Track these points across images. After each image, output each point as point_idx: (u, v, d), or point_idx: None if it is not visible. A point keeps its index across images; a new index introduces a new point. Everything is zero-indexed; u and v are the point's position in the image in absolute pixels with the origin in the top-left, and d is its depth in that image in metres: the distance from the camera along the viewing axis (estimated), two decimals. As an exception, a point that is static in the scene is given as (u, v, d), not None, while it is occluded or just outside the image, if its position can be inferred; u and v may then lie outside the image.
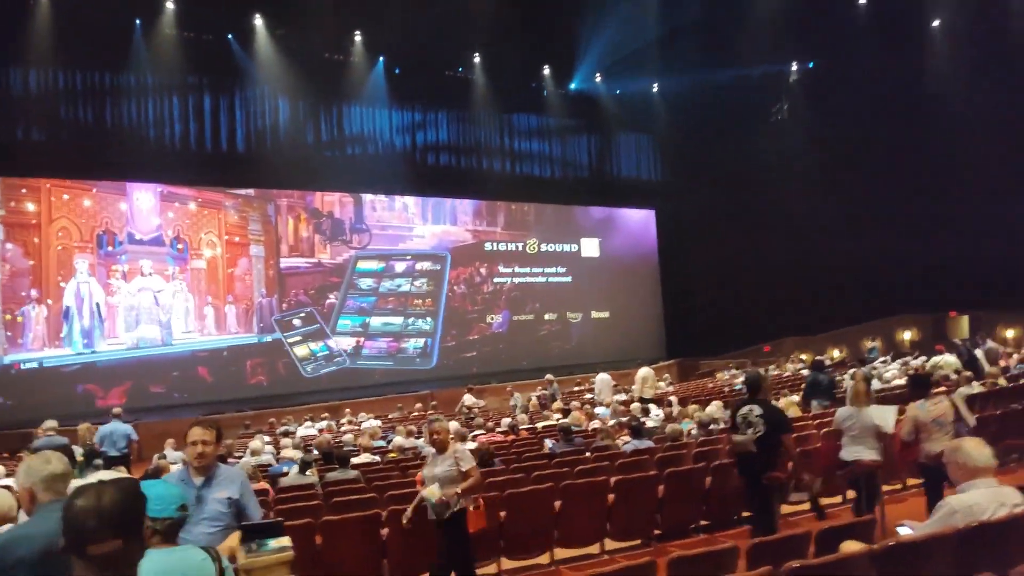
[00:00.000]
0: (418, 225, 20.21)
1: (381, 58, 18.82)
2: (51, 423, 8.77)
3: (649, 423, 8.76)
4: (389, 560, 4.92)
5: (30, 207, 15.00)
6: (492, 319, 20.94)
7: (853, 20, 19.26)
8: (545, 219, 22.29)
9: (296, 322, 17.85)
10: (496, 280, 21.19)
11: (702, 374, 21.01)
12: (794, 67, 21.99)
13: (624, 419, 8.68)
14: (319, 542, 4.80)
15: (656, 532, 5.55)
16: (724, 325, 21.74)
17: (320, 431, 12.80)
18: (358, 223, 19.18)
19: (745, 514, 5.75)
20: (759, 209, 21.36)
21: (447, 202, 20.65)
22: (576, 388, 17.32)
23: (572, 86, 21.95)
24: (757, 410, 4.88)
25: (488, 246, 21.17)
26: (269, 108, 17.87)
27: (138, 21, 15.66)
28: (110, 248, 15.63)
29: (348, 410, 14.31)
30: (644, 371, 13.23)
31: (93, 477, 2.45)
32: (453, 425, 11.14)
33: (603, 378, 13.98)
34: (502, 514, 5.05)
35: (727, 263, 21.85)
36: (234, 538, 3.17)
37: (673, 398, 11.32)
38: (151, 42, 15.79)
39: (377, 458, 8.70)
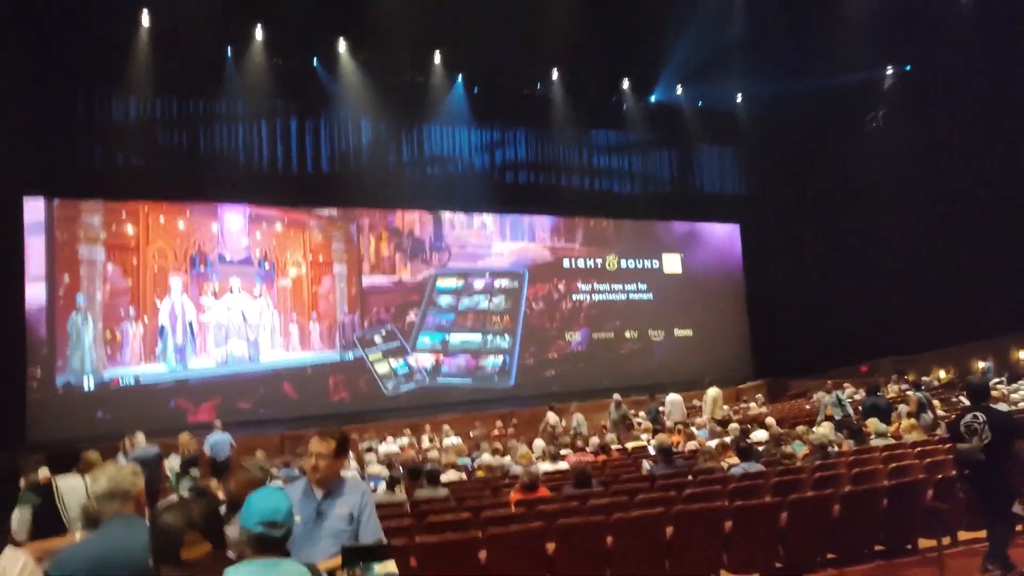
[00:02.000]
0: (496, 242, 20.09)
1: (460, 77, 18.92)
2: (140, 435, 9.01)
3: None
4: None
5: (130, 230, 15.64)
6: (571, 337, 20.54)
7: (953, 18, 18.12)
8: (625, 235, 21.81)
9: (377, 339, 17.95)
10: (575, 297, 20.82)
11: (793, 395, 19.95)
12: (889, 71, 20.87)
13: (728, 439, 8.13)
14: (413, 565, 4.54)
15: (778, 565, 5.03)
16: (815, 343, 20.58)
17: (402, 448, 12.71)
18: (437, 241, 19.23)
19: (878, 548, 5.18)
20: (852, 221, 20.25)
21: (525, 219, 20.46)
22: (661, 408, 16.67)
23: (652, 99, 21.50)
24: (982, 417, 4.64)
25: (566, 263, 20.84)
26: (352, 129, 18.20)
27: (229, 49, 16.22)
28: (202, 268, 16.13)
29: (428, 427, 14.19)
30: (714, 391, 12.71)
31: (183, 489, 2.41)
32: (538, 444, 10.82)
33: (674, 399, 13.51)
34: (609, 540, 4.66)
35: (818, 278, 20.77)
36: (332, 562, 2.95)
37: (770, 419, 10.63)
38: (241, 69, 16.33)
39: (464, 476, 8.44)
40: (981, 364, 17.59)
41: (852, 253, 20.31)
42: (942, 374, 19.24)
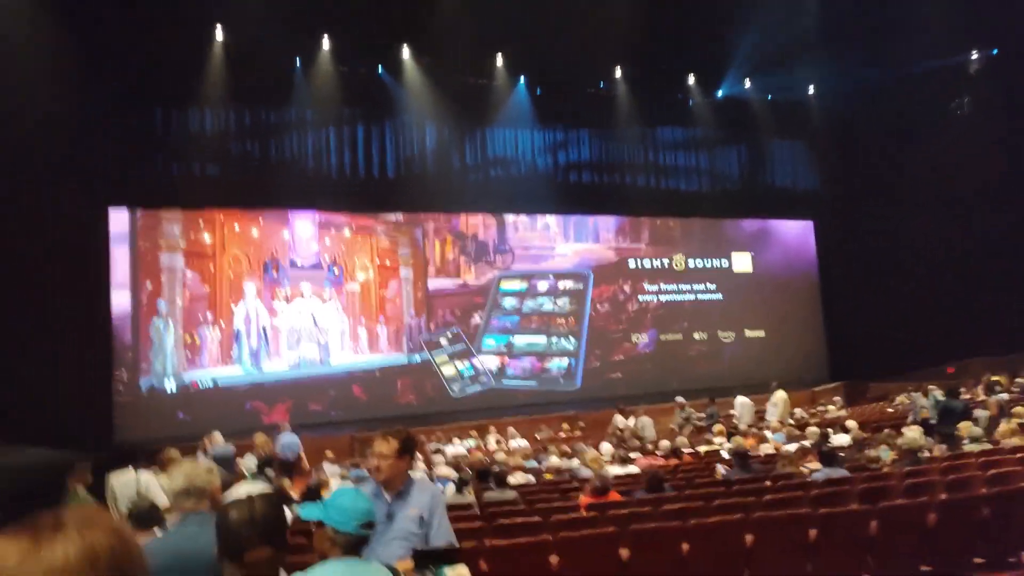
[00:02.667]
0: (560, 244, 19.95)
1: (522, 79, 18.89)
2: (218, 435, 9.31)
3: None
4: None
5: (207, 238, 16.21)
6: (637, 339, 20.20)
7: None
8: (692, 234, 21.32)
9: (443, 342, 18.07)
10: (641, 298, 20.46)
11: (873, 398, 19.06)
12: (974, 56, 19.74)
13: (808, 443, 7.78)
14: (484, 568, 4.48)
15: (866, 576, 4.74)
16: (895, 344, 19.60)
17: (469, 450, 12.74)
18: (501, 244, 19.23)
19: (978, 560, 4.82)
20: (934, 215, 19.23)
21: (589, 220, 20.25)
22: (732, 412, 16.22)
23: (719, 93, 20.94)
24: None
25: (632, 263, 20.52)
26: (416, 134, 18.39)
27: (298, 59, 16.64)
28: (274, 274, 16.58)
29: (494, 429, 14.17)
30: (781, 394, 12.47)
31: (241, 489, 2.38)
32: (606, 447, 10.65)
33: (743, 401, 13.15)
34: (684, 547, 4.49)
35: (898, 275, 19.79)
36: (403, 565, 2.90)
37: (851, 422, 10.14)
38: (309, 78, 16.72)
39: (532, 478, 8.36)
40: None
41: (933, 249, 19.29)
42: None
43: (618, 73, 19.55)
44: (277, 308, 16.50)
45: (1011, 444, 7.30)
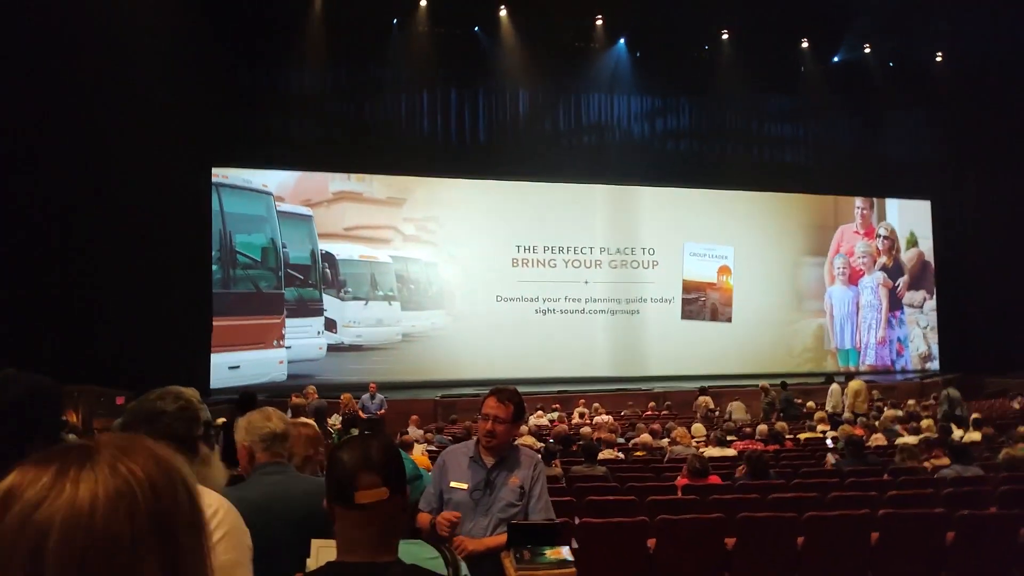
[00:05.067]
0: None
1: (622, 42, 18.14)
2: (311, 388, 9.46)
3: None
4: (655, 577, 4.17)
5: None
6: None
7: None
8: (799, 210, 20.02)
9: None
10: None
11: (990, 393, 17.57)
12: None
13: (932, 436, 7.08)
14: (574, 546, 4.19)
15: (1007, 589, 4.18)
16: (1018, 336, 17.94)
17: (552, 422, 12.50)
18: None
19: None
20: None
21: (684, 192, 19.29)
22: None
23: (835, 59, 19.41)
24: None
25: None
26: (511, 99, 18.01)
27: (395, 21, 16.54)
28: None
29: (582, 402, 13.88)
30: (858, 383, 12.57)
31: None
32: (698, 428, 10.18)
33: (839, 388, 12.85)
34: (799, 540, 4.06)
35: (1020, 262, 18.08)
36: (498, 539, 2.63)
37: (977, 415, 9.27)
38: (406, 39, 16.57)
39: (620, 455, 8.02)
40: None
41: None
42: None
43: (724, 36, 18.38)
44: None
45: None
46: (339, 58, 16.25)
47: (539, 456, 3.16)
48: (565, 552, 2.48)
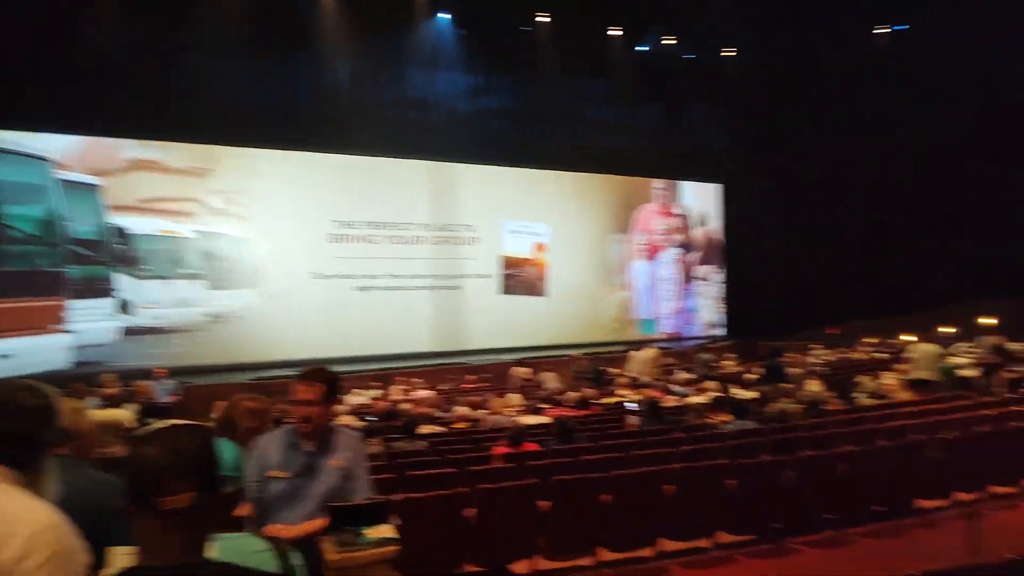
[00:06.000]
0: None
1: (448, 18, 18.05)
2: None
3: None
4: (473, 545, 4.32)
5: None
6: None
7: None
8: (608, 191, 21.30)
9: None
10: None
11: (763, 356, 20.03)
12: (884, 30, 20.43)
13: (717, 395, 7.93)
14: (396, 522, 4.22)
15: (775, 526, 4.83)
16: (788, 306, 20.69)
17: (373, 400, 12.37)
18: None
19: (877, 508, 5.01)
20: (833, 182, 20.24)
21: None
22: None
23: (642, 49, 20.74)
24: None
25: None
26: (330, 68, 17.27)
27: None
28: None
29: (402, 378, 13.86)
30: (653, 350, 13.28)
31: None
32: (513, 398, 10.58)
33: (639, 355, 13.68)
34: (607, 498, 4.39)
35: (796, 242, 20.80)
36: (315, 523, 2.56)
37: (750, 375, 10.52)
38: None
39: (442, 428, 8.15)
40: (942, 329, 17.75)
41: (829, 216, 20.36)
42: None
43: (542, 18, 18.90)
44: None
45: (901, 398, 7.71)
46: (141, 12, 14.58)
47: (360, 436, 3.13)
48: (387, 530, 2.49)
